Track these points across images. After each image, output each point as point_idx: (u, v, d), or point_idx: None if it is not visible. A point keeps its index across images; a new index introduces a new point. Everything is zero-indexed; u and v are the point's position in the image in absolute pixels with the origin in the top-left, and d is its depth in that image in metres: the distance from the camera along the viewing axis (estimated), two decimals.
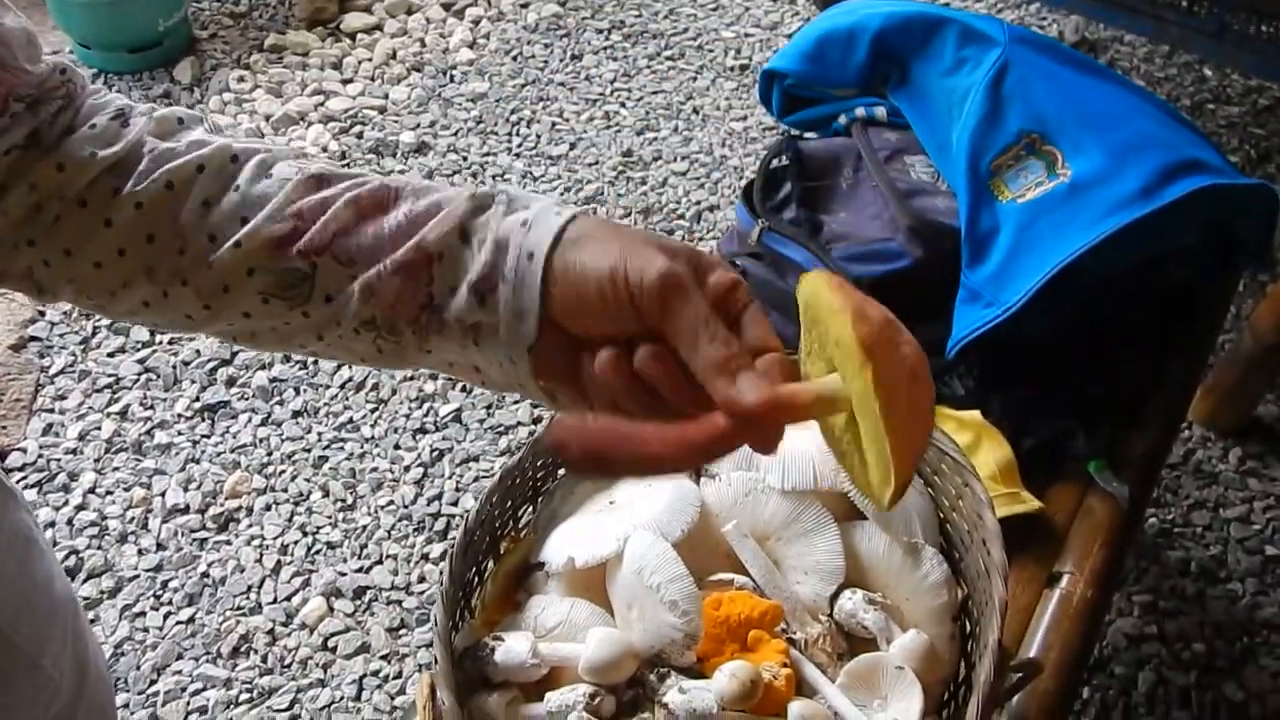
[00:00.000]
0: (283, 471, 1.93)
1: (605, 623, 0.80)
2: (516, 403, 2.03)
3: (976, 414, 1.17)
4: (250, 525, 1.86)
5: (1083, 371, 1.23)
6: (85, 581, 1.78)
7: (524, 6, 2.91)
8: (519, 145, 2.53)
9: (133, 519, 1.87)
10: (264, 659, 1.68)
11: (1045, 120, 1.21)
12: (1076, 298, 1.17)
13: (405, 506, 1.87)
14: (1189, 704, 1.66)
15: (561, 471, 0.96)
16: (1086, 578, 1.11)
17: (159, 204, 0.53)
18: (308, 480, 1.92)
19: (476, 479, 1.91)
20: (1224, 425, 2.05)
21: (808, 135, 1.46)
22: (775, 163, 1.34)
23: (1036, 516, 1.14)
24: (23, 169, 0.54)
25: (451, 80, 2.69)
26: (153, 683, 1.66)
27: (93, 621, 1.72)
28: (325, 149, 2.48)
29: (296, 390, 2.06)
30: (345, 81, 2.66)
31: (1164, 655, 1.72)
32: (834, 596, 0.83)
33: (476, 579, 0.88)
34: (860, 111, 1.38)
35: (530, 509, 0.94)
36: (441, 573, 0.80)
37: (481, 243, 0.50)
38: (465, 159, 2.48)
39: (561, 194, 2.41)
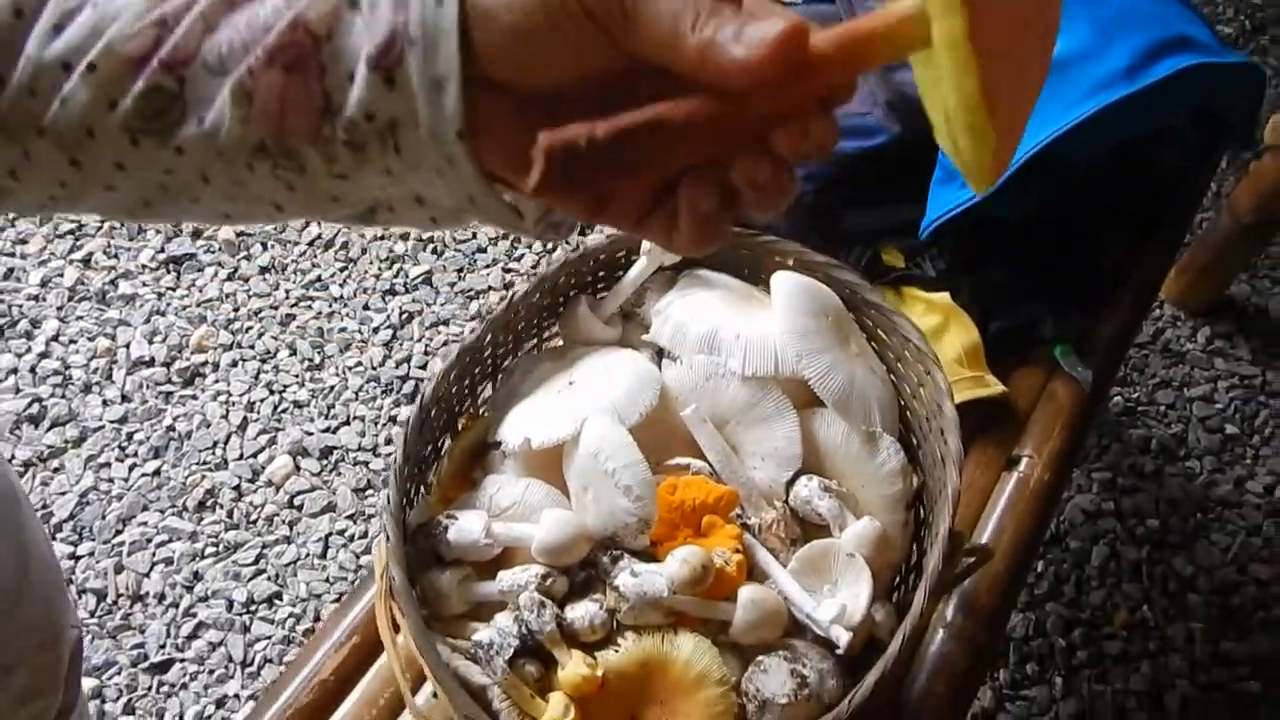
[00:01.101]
0: (249, 328, 1.91)
1: (560, 504, 0.80)
2: (488, 267, 2.01)
3: (946, 296, 1.16)
4: (216, 381, 1.85)
5: (1056, 254, 1.22)
6: (49, 430, 1.78)
7: None
8: None
9: (97, 369, 1.86)
10: (230, 514, 1.70)
11: None
12: (1055, 179, 1.15)
13: (373, 368, 1.87)
14: (1139, 577, 1.71)
15: (522, 350, 0.94)
16: (1044, 461, 1.13)
17: (7, 38, 0.42)
18: (275, 338, 1.90)
19: (445, 343, 1.90)
20: (1195, 304, 2.05)
21: (790, 0, 1.40)
22: None
23: (1000, 400, 1.14)
24: None
25: None
26: (118, 533, 1.68)
27: (57, 470, 1.73)
28: None
29: (264, 245, 2.02)
30: None
31: (1119, 530, 1.75)
32: (790, 483, 0.83)
33: (433, 455, 0.87)
34: None
35: (489, 386, 0.93)
36: (395, 449, 0.79)
37: (374, 4, 0.38)
38: None
39: None
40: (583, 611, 0.73)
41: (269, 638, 1.58)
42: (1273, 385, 1.95)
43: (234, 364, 1.87)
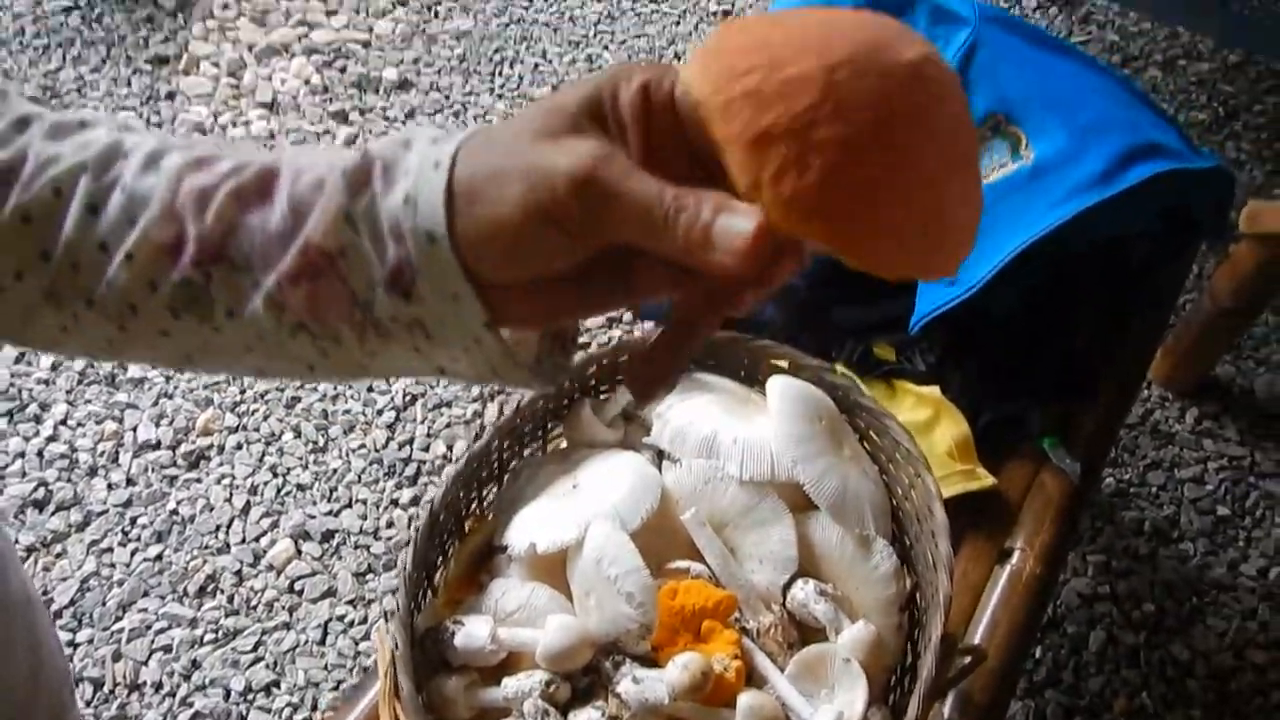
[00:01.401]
0: (255, 411, 1.94)
1: (564, 608, 0.82)
2: None
3: (936, 390, 1.19)
4: (221, 464, 1.87)
5: (1040, 348, 1.25)
6: (54, 514, 1.79)
7: None
8: (501, 85, 2.51)
9: (103, 453, 1.88)
10: (230, 600, 1.71)
11: (1011, 101, 1.21)
12: (1036, 276, 1.19)
13: (376, 451, 1.89)
14: (1138, 662, 1.72)
15: (527, 452, 0.97)
16: (1036, 554, 1.15)
17: (48, 215, 0.46)
18: (280, 420, 1.93)
19: (449, 425, 1.92)
20: (1182, 385, 2.08)
21: None
22: None
23: (990, 492, 1.16)
24: None
25: (436, 16, 2.65)
26: (118, 619, 1.69)
27: (59, 555, 1.74)
28: (308, 82, 2.45)
29: None
30: (330, 13, 2.62)
31: (1115, 615, 1.77)
32: (787, 585, 0.85)
33: (440, 558, 0.90)
34: None
35: (495, 488, 0.96)
36: (403, 557, 0.81)
37: (375, 235, 0.42)
38: (448, 98, 2.46)
39: None
40: (585, 719, 0.75)
41: None
42: (1261, 466, 1.97)
43: (239, 447, 1.89)
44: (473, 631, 0.79)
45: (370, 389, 1.97)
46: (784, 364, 0.98)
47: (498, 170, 0.39)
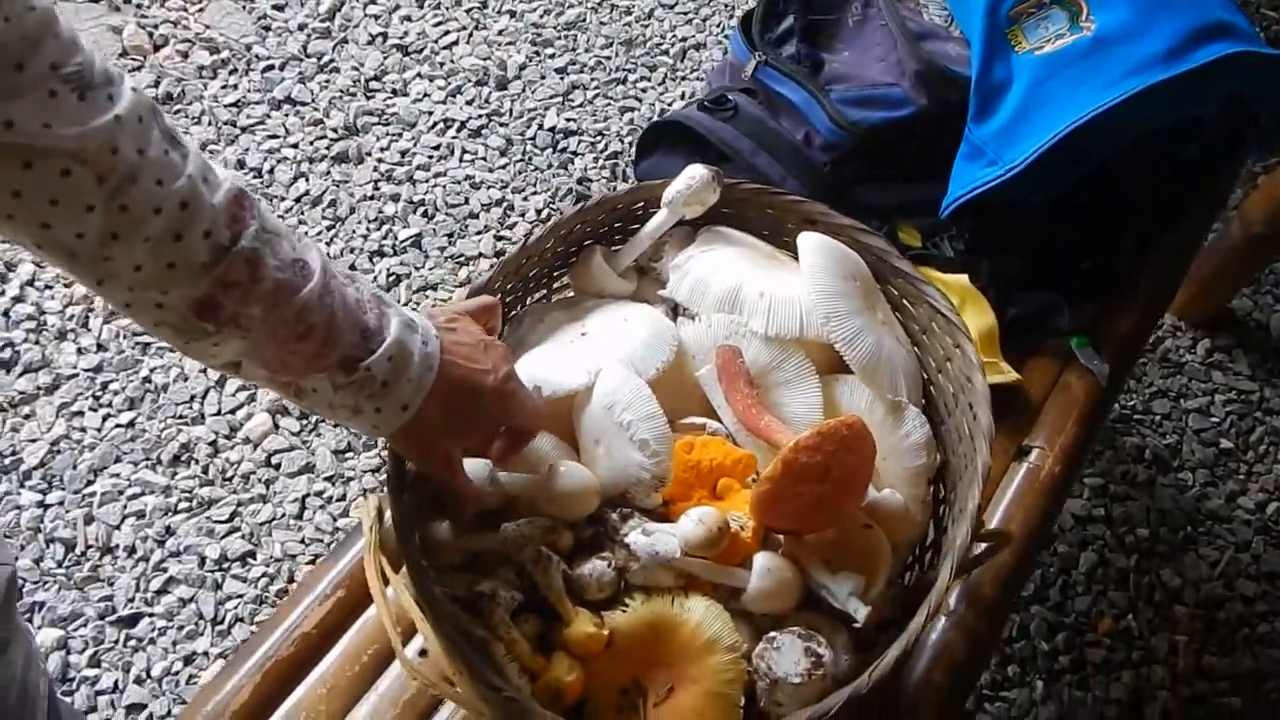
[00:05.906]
0: None
1: (569, 457, 0.76)
2: (480, 233, 1.96)
3: (964, 278, 1.12)
4: None
5: (1076, 244, 1.18)
6: (21, 375, 1.71)
7: None
8: None
9: (72, 316, 1.79)
10: (205, 470, 1.64)
11: None
12: (1082, 165, 1.12)
13: None
14: (1126, 586, 1.68)
15: (530, 299, 0.90)
16: (1056, 454, 1.09)
17: None
18: None
19: (434, 306, 1.84)
20: (1197, 316, 2.02)
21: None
22: None
23: (1012, 388, 1.11)
24: None
25: None
26: (89, 483, 1.62)
27: (28, 417, 1.67)
28: None
29: None
30: None
31: (1108, 537, 1.73)
32: None
33: None
34: None
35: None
36: None
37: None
38: None
39: (541, 16, 2.29)
40: (589, 569, 0.69)
41: (241, 596, 1.53)
42: (1270, 402, 1.92)
43: None
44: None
45: (353, 268, 1.89)
46: (814, 223, 0.90)
47: None
